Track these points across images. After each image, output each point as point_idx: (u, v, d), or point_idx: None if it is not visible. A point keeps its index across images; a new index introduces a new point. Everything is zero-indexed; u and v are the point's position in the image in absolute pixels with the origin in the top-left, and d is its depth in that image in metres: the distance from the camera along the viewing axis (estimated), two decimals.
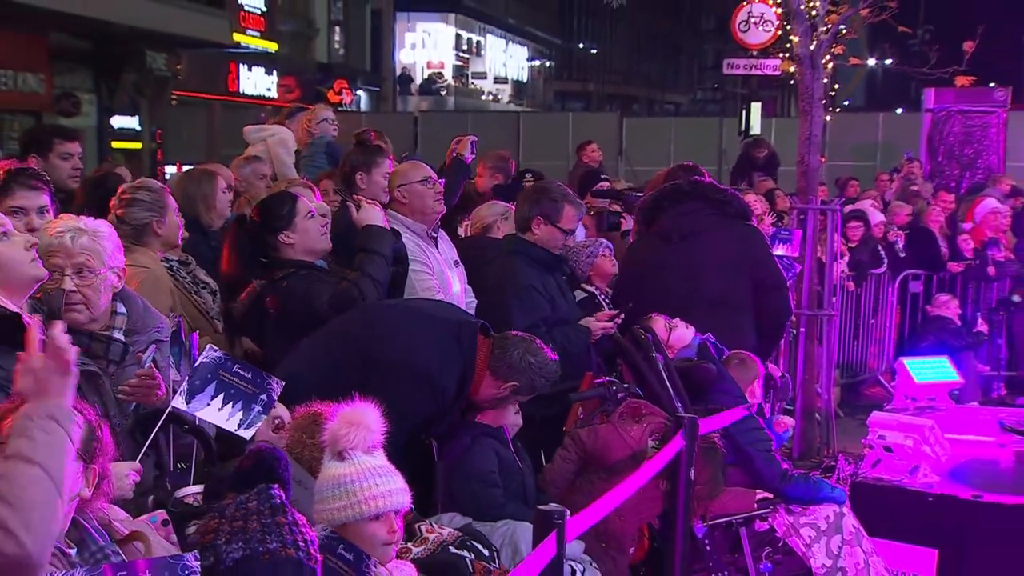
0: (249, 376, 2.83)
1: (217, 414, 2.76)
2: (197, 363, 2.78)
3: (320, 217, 3.95)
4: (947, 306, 8.34)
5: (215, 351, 2.84)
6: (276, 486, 2.17)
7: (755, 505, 4.07)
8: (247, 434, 2.82)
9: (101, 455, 2.10)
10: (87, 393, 2.70)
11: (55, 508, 1.77)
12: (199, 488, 2.67)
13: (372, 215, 3.96)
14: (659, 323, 4.36)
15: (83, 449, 2.04)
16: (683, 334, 4.38)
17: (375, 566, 2.42)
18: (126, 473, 2.56)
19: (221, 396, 2.76)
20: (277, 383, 2.92)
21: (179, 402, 2.73)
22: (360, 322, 3.68)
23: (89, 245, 2.84)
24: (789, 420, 5.37)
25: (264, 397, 2.83)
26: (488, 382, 3.55)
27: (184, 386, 2.73)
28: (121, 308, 2.91)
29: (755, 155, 12.60)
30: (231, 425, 2.78)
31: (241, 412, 2.78)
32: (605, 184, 7.70)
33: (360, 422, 2.58)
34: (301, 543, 2.07)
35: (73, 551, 2.01)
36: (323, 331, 3.69)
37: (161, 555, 2.18)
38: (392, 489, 2.51)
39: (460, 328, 3.59)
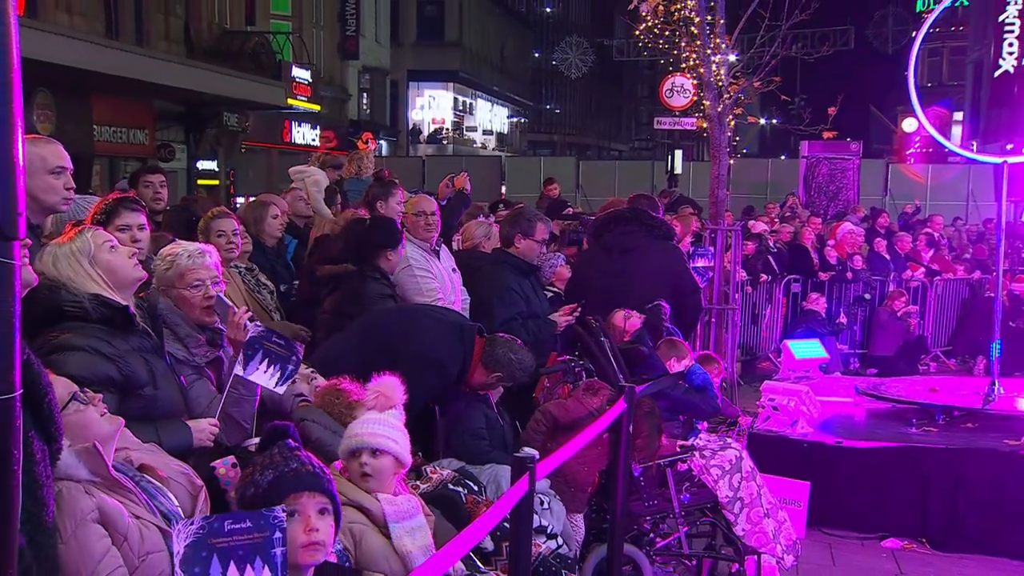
0: (283, 343, 2.75)
1: (263, 376, 2.68)
2: (248, 337, 2.70)
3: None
4: (817, 303, 8.39)
5: (259, 326, 2.77)
6: (291, 440, 2.13)
7: (677, 450, 4.06)
8: (282, 390, 2.74)
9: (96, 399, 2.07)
10: (213, 371, 2.74)
11: None
12: (259, 439, 2.63)
13: None
14: (618, 315, 4.39)
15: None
16: (635, 323, 4.42)
17: None
18: (204, 427, 2.53)
19: (266, 361, 2.68)
20: (300, 346, 2.86)
21: (238, 369, 2.66)
22: (393, 319, 3.70)
23: (216, 264, 2.86)
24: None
25: (294, 358, 2.75)
26: (480, 371, 3.53)
27: (241, 356, 2.67)
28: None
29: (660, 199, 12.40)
30: (271, 383, 2.70)
31: (279, 372, 2.71)
32: (571, 210, 7.72)
33: (382, 391, 2.57)
34: (316, 465, 2.02)
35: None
36: (361, 323, 3.68)
37: (171, 473, 2.14)
38: (376, 432, 2.46)
39: (463, 330, 3.58)
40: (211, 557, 1.57)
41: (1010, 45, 15.52)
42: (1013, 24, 15.57)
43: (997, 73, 16.77)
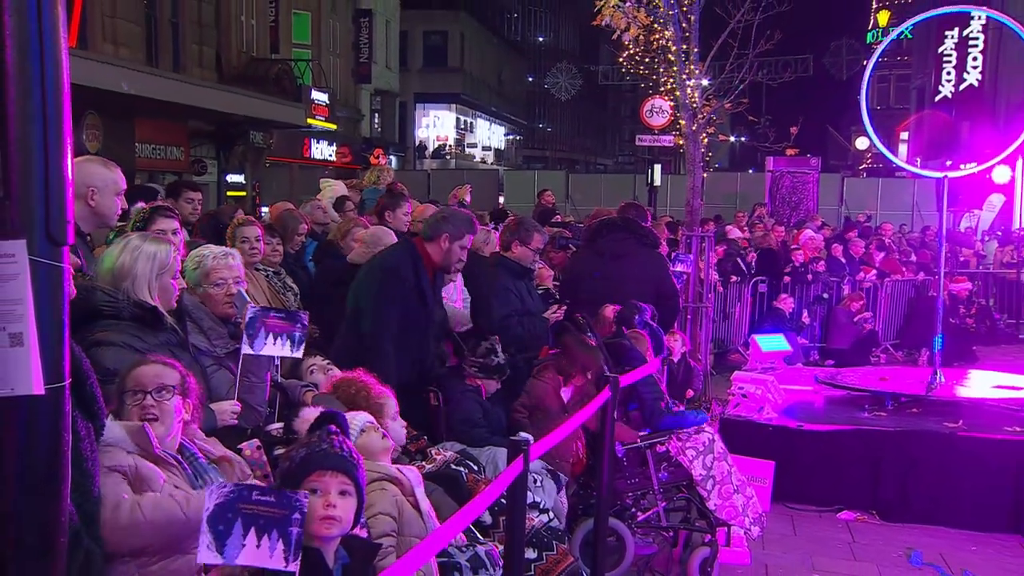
0: (283, 315, 2.69)
1: (274, 347, 2.62)
2: (246, 319, 2.61)
3: None
4: (785, 302, 8.41)
5: (253, 307, 2.69)
6: (333, 426, 2.12)
7: (637, 439, 3.91)
8: (299, 354, 2.69)
9: (191, 393, 2.15)
10: (232, 362, 2.72)
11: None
12: (280, 424, 2.63)
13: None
14: (608, 308, 4.39)
15: (180, 388, 2.10)
16: (611, 309, 4.39)
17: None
18: (225, 408, 2.54)
19: (271, 334, 2.62)
20: (303, 313, 2.77)
21: (246, 348, 2.60)
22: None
23: (239, 265, 2.86)
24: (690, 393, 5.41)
25: (299, 325, 2.67)
26: (431, 248, 3.51)
27: (244, 337, 2.61)
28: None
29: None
30: (286, 352, 2.63)
31: (288, 341, 2.63)
32: (559, 217, 7.74)
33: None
34: (347, 451, 1.98)
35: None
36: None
37: (241, 474, 2.18)
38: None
39: (406, 242, 3.68)
40: (236, 519, 1.57)
41: (948, 74, 15.72)
42: (950, 56, 15.77)
43: (937, 98, 16.92)
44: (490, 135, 38.63)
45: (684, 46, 8.34)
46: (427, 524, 2.35)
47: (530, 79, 42.77)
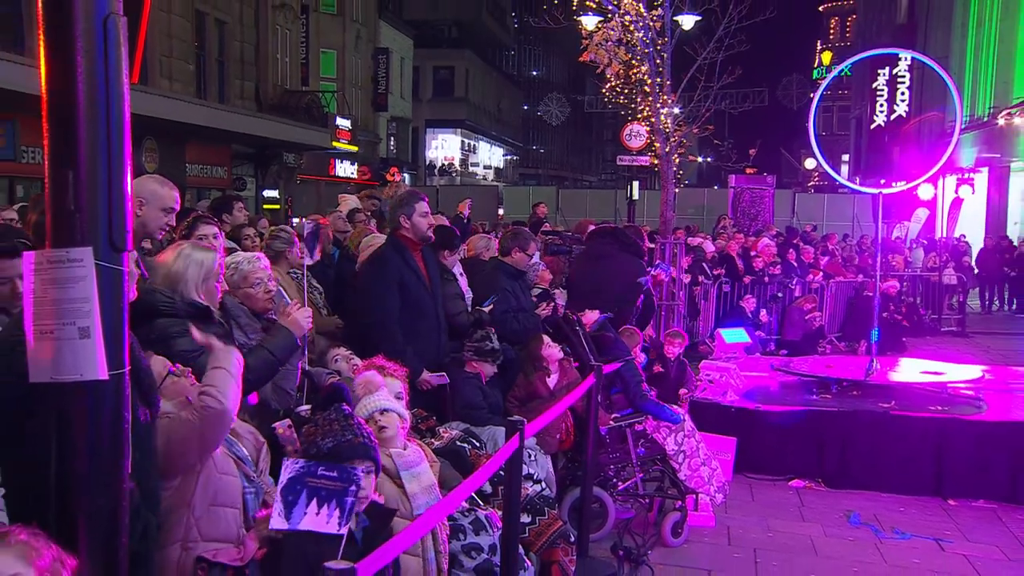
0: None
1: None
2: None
3: None
4: (748, 302, 8.43)
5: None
6: (345, 404, 2.12)
7: (611, 421, 3.87)
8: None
9: None
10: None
11: (238, 387, 1.87)
12: (308, 406, 2.62)
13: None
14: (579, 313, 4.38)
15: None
16: (591, 316, 4.35)
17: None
18: (297, 319, 2.55)
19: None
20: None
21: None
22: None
23: (268, 265, 2.86)
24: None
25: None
26: (405, 233, 3.49)
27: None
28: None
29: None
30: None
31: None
32: (548, 226, 7.74)
33: (365, 380, 2.59)
34: (365, 435, 2.00)
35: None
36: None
37: (242, 431, 2.18)
38: (376, 399, 2.48)
39: (389, 236, 3.65)
40: (303, 491, 1.63)
41: (881, 106, 16.02)
42: (883, 90, 16.09)
43: (872, 126, 17.14)
44: (490, 156, 38.56)
45: (658, 79, 8.37)
46: (411, 504, 2.30)
47: (525, 107, 42.71)
